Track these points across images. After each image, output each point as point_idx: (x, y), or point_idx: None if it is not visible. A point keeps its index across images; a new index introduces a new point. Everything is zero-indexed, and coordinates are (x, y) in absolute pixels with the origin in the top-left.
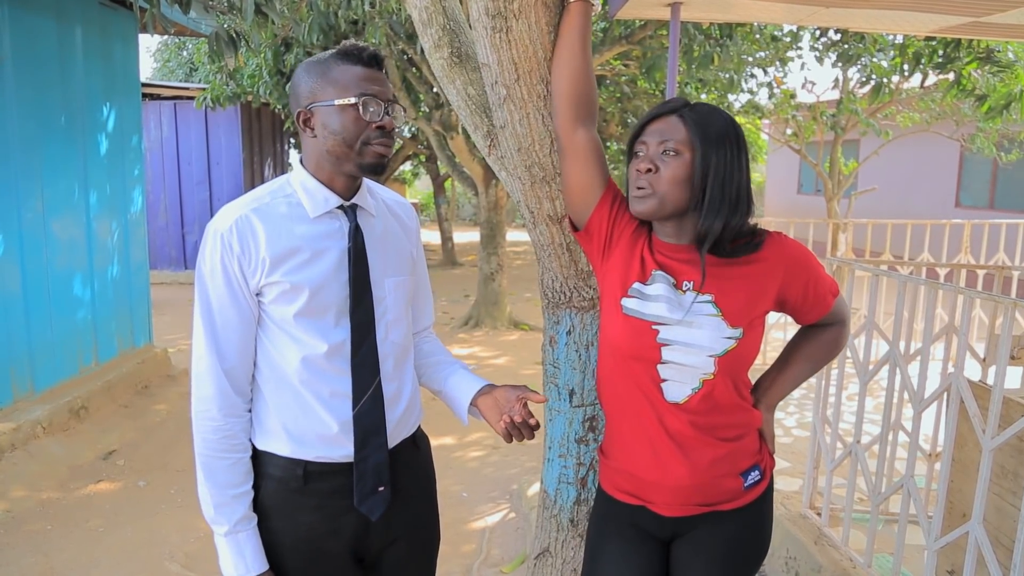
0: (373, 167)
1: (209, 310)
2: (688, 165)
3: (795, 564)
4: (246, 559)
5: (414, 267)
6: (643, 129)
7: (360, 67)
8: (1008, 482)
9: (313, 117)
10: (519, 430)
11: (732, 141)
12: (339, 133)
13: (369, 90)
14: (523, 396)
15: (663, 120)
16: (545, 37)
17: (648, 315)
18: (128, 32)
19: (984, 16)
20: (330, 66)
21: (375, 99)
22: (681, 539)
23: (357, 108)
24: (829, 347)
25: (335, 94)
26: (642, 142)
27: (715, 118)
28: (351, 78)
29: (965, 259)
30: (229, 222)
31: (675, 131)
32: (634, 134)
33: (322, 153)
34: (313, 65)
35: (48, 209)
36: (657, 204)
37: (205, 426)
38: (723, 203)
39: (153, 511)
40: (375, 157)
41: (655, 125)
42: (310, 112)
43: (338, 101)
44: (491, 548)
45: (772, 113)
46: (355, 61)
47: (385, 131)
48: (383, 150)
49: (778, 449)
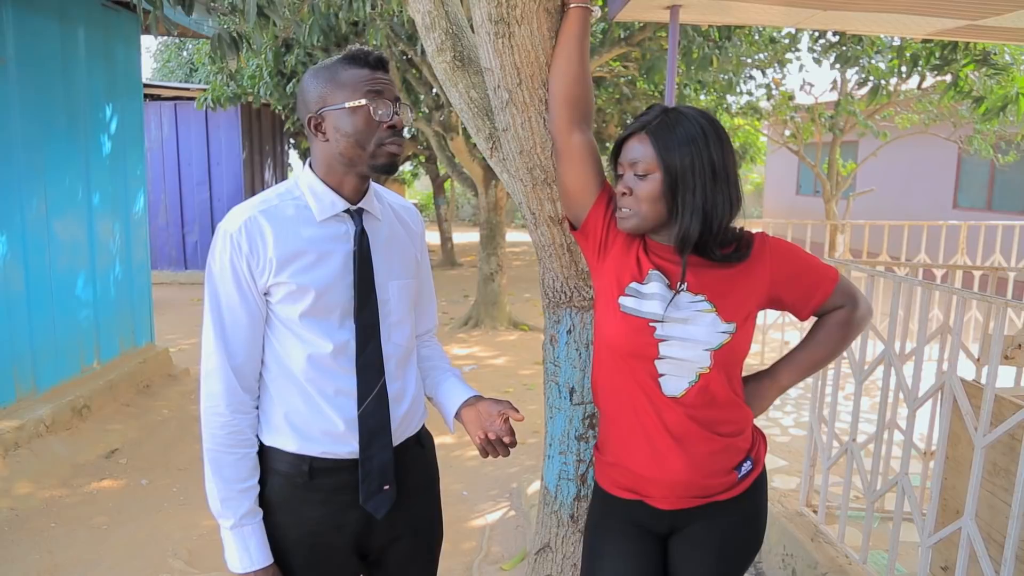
0: (386, 167)
1: (218, 308)
2: (659, 183)
3: (792, 561)
4: (250, 552)
5: (418, 270)
6: (620, 150)
7: (367, 70)
8: (1000, 479)
9: (324, 121)
10: (494, 447)
11: (701, 144)
12: (352, 135)
13: (377, 90)
14: (504, 412)
15: (635, 139)
16: (547, 42)
17: (645, 312)
18: (130, 33)
19: (980, 19)
20: (338, 71)
21: (384, 99)
22: (678, 533)
23: (368, 109)
24: (841, 328)
25: (345, 97)
26: (620, 163)
27: (681, 126)
28: (359, 81)
29: (962, 260)
30: (238, 223)
31: (644, 151)
32: (613, 152)
33: (334, 156)
34: (320, 71)
35: (51, 209)
36: (639, 222)
37: (213, 421)
38: (695, 209)
39: (156, 509)
40: (388, 157)
41: (628, 144)
42: (321, 117)
43: (348, 104)
44: (491, 545)
45: (771, 114)
46: (362, 64)
47: (396, 130)
48: (396, 149)
49: (776, 448)
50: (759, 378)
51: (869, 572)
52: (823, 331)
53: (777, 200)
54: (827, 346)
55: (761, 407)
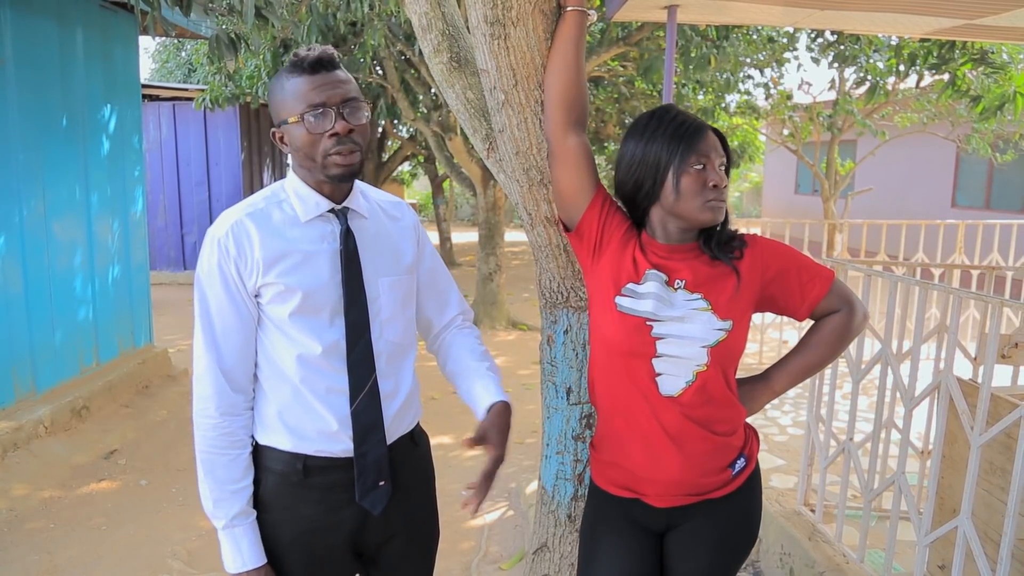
0: (338, 177)
1: (207, 312)
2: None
3: (789, 560)
4: (243, 553)
5: (416, 265)
6: (695, 143)
7: (305, 77)
8: (996, 478)
9: (284, 135)
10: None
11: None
12: (300, 149)
13: (314, 101)
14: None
15: (711, 134)
16: (542, 44)
17: (642, 311)
18: (128, 34)
19: (977, 19)
20: (282, 82)
21: (322, 107)
22: (674, 530)
23: (304, 124)
24: (837, 332)
25: (288, 111)
26: (705, 156)
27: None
28: (298, 92)
29: (960, 259)
30: (225, 227)
31: (719, 148)
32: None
33: (298, 165)
34: (275, 81)
35: (49, 210)
36: (724, 212)
37: (204, 424)
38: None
39: (155, 509)
40: (338, 168)
41: (710, 139)
42: (280, 130)
43: (290, 119)
44: (490, 545)
45: (769, 114)
46: (300, 71)
47: (342, 138)
48: (342, 160)
49: (773, 447)
50: (753, 382)
51: (866, 571)
52: (818, 335)
53: (776, 199)
54: (822, 351)
55: (752, 410)
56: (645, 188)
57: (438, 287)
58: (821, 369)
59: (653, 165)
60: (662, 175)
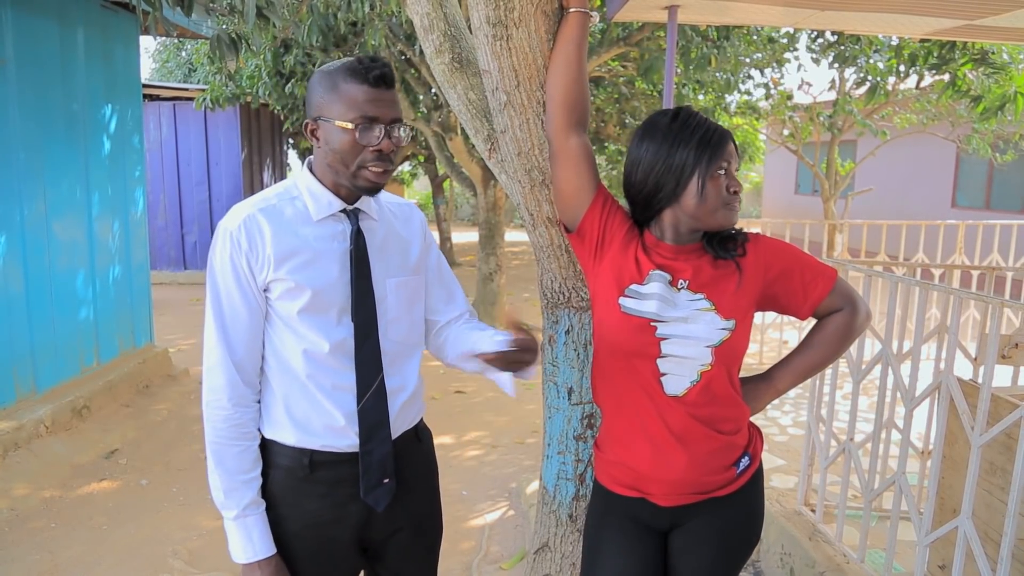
0: (367, 190)
1: (219, 304)
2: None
3: (790, 560)
4: (254, 542)
5: (421, 266)
6: (720, 149)
7: (365, 87)
8: (996, 478)
9: (318, 129)
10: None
11: None
12: (337, 151)
13: (369, 113)
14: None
15: (730, 142)
16: (544, 45)
17: (646, 312)
18: (129, 34)
19: (978, 19)
20: (337, 81)
21: (375, 122)
22: (678, 528)
23: (354, 134)
24: (840, 331)
25: (338, 113)
26: (726, 161)
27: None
28: (354, 99)
29: (960, 259)
30: (238, 221)
31: (735, 153)
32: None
33: (324, 164)
34: (324, 76)
35: (50, 210)
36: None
37: (216, 415)
38: None
39: (156, 509)
40: (368, 182)
41: (730, 147)
42: (316, 124)
43: (338, 122)
44: (491, 545)
45: (769, 114)
46: (361, 80)
47: (383, 154)
48: (375, 177)
49: (774, 447)
50: (756, 382)
51: (867, 571)
52: (820, 334)
53: (776, 199)
54: (824, 350)
55: (756, 408)
56: (666, 191)
57: (444, 285)
58: (824, 368)
59: (678, 169)
60: (686, 179)
